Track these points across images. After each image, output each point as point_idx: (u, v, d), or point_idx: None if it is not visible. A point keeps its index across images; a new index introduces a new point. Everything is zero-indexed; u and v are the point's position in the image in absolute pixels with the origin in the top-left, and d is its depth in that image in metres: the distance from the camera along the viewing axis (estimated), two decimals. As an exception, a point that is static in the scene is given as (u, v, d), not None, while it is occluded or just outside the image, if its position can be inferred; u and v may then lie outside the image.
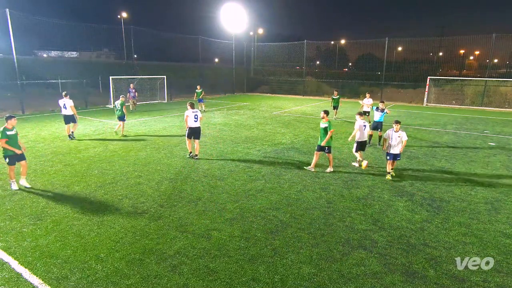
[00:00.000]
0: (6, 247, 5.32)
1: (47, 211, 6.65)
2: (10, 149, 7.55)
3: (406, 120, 20.03)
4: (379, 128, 12.62)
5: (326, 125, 9.15)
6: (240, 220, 6.40)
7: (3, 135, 7.48)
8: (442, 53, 36.79)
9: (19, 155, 7.72)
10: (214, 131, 15.32)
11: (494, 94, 28.91)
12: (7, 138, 7.52)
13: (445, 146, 13.16)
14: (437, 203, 7.43)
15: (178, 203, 7.13)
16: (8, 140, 7.53)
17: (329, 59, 40.80)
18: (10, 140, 7.56)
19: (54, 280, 4.55)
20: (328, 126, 9.10)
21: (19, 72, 20.53)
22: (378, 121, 12.57)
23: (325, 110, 9.40)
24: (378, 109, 12.56)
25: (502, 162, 10.91)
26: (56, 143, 12.39)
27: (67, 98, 12.93)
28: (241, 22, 38.36)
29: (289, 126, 16.90)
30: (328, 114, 9.35)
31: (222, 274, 4.74)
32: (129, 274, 4.71)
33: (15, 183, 7.81)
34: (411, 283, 4.63)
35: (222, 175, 9.01)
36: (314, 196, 7.67)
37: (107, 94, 24.76)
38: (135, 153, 11.12)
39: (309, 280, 4.67)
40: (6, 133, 7.51)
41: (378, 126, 12.61)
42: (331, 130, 9.08)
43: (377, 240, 5.75)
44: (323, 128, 9.21)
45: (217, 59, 46.46)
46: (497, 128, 17.52)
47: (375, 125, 12.67)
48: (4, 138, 7.48)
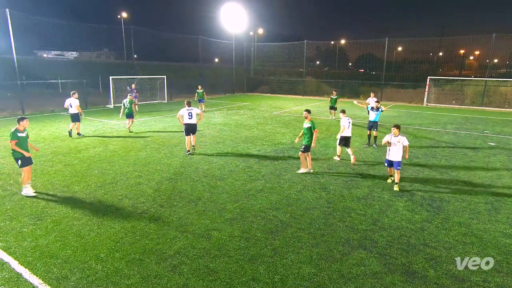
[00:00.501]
0: (6, 247, 5.32)
1: (47, 211, 6.65)
2: (19, 151, 7.34)
3: (406, 120, 20.03)
4: (374, 128, 12.40)
5: (309, 125, 9.04)
6: (240, 220, 6.40)
7: (13, 137, 7.29)
8: (442, 53, 36.83)
9: (27, 158, 7.50)
10: (214, 131, 15.32)
11: (494, 94, 28.90)
12: (17, 139, 7.31)
13: (445, 146, 13.15)
14: (437, 203, 7.43)
15: (178, 203, 7.13)
16: (18, 142, 7.32)
17: (329, 59, 40.81)
18: (20, 142, 7.35)
19: (54, 280, 4.55)
20: (312, 126, 9.02)
21: (19, 72, 20.53)
22: (373, 121, 12.33)
23: (307, 110, 9.38)
24: (373, 109, 12.33)
25: (502, 162, 10.91)
26: (56, 143, 12.39)
27: (74, 98, 13.33)
28: (241, 22, 38.37)
29: (289, 126, 16.90)
30: (310, 113, 9.32)
31: (222, 274, 4.74)
32: (129, 274, 4.71)
33: (29, 188, 7.48)
34: (411, 283, 4.63)
35: (222, 175, 9.01)
36: (314, 196, 7.67)
37: (107, 94, 24.76)
38: (135, 153, 11.12)
39: (309, 280, 4.67)
40: (17, 134, 7.32)
41: (373, 126, 12.37)
42: (315, 130, 9.01)
43: (377, 240, 5.75)
44: (307, 128, 9.09)
45: (217, 59, 46.47)
46: (497, 128, 17.52)
47: (370, 124, 12.45)
48: (15, 140, 7.28)
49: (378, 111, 12.27)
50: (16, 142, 7.31)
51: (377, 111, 12.26)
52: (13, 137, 7.30)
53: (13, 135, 7.29)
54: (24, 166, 7.46)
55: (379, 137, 13.80)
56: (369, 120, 12.52)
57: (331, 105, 19.53)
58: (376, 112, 12.26)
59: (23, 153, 7.41)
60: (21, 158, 7.42)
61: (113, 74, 24.87)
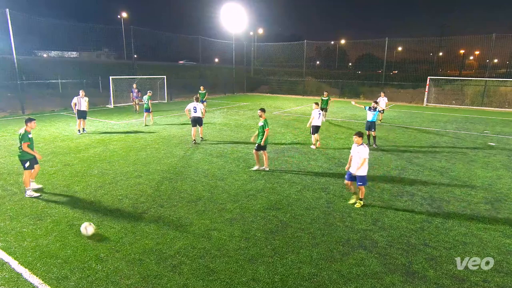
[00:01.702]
0: (6, 247, 5.32)
1: (47, 211, 6.65)
2: (31, 153, 7.24)
3: (406, 120, 20.04)
4: (372, 128, 12.36)
5: (262, 123, 9.17)
6: (240, 220, 6.40)
7: (25, 139, 7.14)
8: (442, 53, 36.82)
9: (35, 159, 7.40)
10: (214, 131, 15.33)
11: (494, 94, 28.91)
12: (29, 141, 7.19)
13: (445, 146, 13.15)
14: (437, 203, 7.43)
15: (178, 203, 7.13)
16: (30, 144, 7.20)
17: (329, 59, 40.80)
18: (30, 144, 7.25)
19: (54, 280, 4.55)
20: (264, 124, 9.13)
21: (19, 72, 20.52)
22: (371, 121, 12.29)
23: (261, 108, 9.46)
24: (371, 109, 12.30)
25: (502, 162, 10.91)
26: (56, 143, 12.39)
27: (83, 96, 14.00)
28: (241, 22, 38.37)
29: (289, 126, 16.90)
30: (264, 111, 9.37)
31: (222, 274, 4.74)
32: (129, 274, 4.71)
33: (31, 190, 7.40)
34: (411, 283, 4.63)
35: (222, 175, 9.01)
36: (314, 196, 7.67)
37: (107, 94, 24.75)
38: (135, 153, 11.12)
39: (309, 280, 4.67)
40: (28, 136, 7.20)
41: (371, 126, 12.34)
42: (266, 129, 9.10)
43: (377, 240, 5.75)
44: (260, 127, 9.19)
45: (217, 59, 46.47)
46: (497, 128, 17.52)
47: (368, 125, 12.42)
48: (27, 142, 7.15)
49: (375, 112, 12.27)
50: (28, 144, 7.17)
51: (374, 111, 12.25)
52: (25, 139, 7.14)
53: (25, 137, 7.15)
54: (31, 169, 7.34)
55: (379, 138, 13.83)
56: (367, 121, 12.51)
57: (322, 106, 18.71)
58: (373, 112, 12.25)
59: (35, 155, 7.31)
60: (30, 159, 7.29)
61: (113, 74, 24.87)
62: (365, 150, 6.84)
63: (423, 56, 35.73)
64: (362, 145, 6.91)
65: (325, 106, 19.02)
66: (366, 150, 6.86)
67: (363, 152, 6.83)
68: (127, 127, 16.09)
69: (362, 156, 6.82)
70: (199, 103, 12.67)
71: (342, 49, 42.14)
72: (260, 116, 9.29)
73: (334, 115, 21.48)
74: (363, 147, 6.88)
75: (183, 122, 17.47)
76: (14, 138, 13.07)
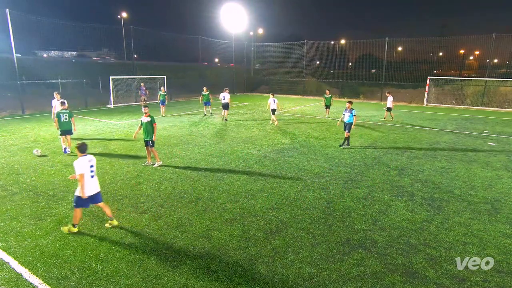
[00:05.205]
0: (6, 247, 5.32)
1: (47, 211, 6.65)
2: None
3: (406, 120, 20.03)
4: (346, 129, 12.27)
5: (148, 119, 9.46)
6: (240, 220, 6.40)
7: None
8: (442, 53, 36.81)
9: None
10: (214, 131, 15.33)
11: (494, 94, 28.88)
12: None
13: (445, 146, 13.15)
14: (437, 203, 7.43)
15: (178, 203, 7.13)
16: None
17: (329, 59, 40.79)
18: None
19: (54, 280, 4.55)
20: (151, 120, 9.47)
21: (19, 72, 20.53)
22: (347, 122, 12.21)
23: (145, 105, 9.87)
24: (346, 110, 12.18)
25: (502, 162, 10.91)
26: (56, 143, 12.37)
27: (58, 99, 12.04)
28: (241, 22, 38.34)
29: (289, 126, 16.89)
30: (148, 108, 9.70)
31: (222, 274, 4.74)
32: (129, 274, 4.71)
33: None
34: (411, 283, 4.63)
35: (222, 175, 9.01)
36: (314, 196, 7.67)
37: (107, 94, 24.74)
38: (135, 153, 11.11)
39: (309, 280, 4.66)
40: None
41: (346, 126, 12.25)
42: (154, 124, 9.50)
43: (377, 240, 5.75)
44: (147, 123, 9.45)
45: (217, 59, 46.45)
46: (497, 128, 17.52)
47: (344, 125, 12.38)
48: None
49: (351, 113, 12.11)
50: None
51: (350, 113, 12.12)
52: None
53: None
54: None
55: (380, 137, 13.83)
56: (344, 122, 12.42)
57: (326, 103, 20.51)
58: (349, 113, 12.13)
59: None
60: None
61: (113, 74, 24.85)
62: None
63: (423, 56, 35.75)
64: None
65: (328, 104, 20.43)
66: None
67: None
68: (127, 127, 16.08)
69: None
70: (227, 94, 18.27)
71: (342, 49, 42.10)
72: (145, 113, 9.47)
73: (334, 115, 21.47)
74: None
75: (183, 122, 17.47)
76: (14, 138, 13.07)
